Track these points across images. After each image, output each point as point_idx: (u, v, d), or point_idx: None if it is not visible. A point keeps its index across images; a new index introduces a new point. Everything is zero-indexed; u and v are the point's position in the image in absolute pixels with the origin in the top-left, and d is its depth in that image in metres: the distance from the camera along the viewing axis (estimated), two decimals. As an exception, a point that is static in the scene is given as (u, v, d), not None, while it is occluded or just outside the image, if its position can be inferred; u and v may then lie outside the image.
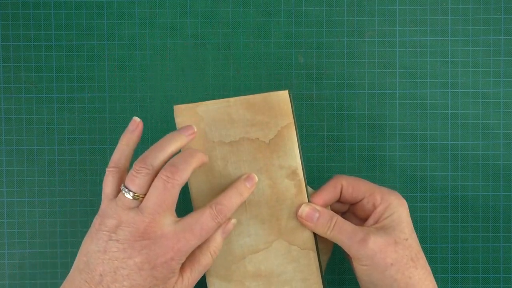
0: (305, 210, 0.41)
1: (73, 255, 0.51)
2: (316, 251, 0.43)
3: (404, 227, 0.40)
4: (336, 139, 0.51)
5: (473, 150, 0.51)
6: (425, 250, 0.51)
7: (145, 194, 0.38)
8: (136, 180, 0.38)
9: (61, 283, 0.51)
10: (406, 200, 0.51)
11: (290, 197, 0.42)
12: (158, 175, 0.38)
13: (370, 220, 0.42)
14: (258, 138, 0.42)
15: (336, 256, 0.52)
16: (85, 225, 0.51)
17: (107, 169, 0.40)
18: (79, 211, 0.51)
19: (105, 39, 0.51)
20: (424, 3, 0.51)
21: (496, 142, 0.51)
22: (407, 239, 0.40)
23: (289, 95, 0.42)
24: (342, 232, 0.40)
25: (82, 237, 0.51)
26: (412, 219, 0.51)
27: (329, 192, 0.42)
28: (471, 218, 0.51)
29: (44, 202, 0.51)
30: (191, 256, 0.40)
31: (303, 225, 0.42)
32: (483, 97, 0.51)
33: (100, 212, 0.39)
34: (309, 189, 0.44)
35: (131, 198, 0.38)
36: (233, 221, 0.41)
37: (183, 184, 0.38)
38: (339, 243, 0.41)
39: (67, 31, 0.51)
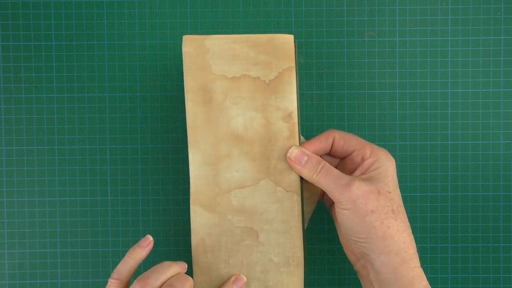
0: (294, 151, 0.42)
1: (73, 255, 0.51)
2: (300, 195, 0.43)
3: (389, 181, 0.41)
4: None
5: (473, 150, 0.51)
6: (425, 250, 0.51)
7: None
8: None
9: (61, 283, 0.51)
10: (406, 200, 0.51)
11: (282, 139, 0.43)
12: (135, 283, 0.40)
13: (357, 172, 0.42)
14: (259, 77, 0.43)
15: (336, 256, 0.52)
16: (85, 225, 0.51)
17: (110, 280, 0.41)
18: (79, 211, 0.51)
19: (105, 39, 0.51)
20: (424, 3, 0.51)
21: (496, 142, 0.51)
22: (390, 192, 0.41)
23: (294, 41, 0.43)
24: (328, 176, 0.41)
25: (82, 237, 0.51)
26: (412, 219, 0.51)
27: (321, 142, 0.43)
28: (471, 218, 0.51)
29: (44, 202, 0.51)
30: None
31: (291, 167, 0.43)
32: (483, 97, 0.51)
33: None
34: (302, 138, 0.45)
35: None
36: (243, 278, 0.43)
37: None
38: (324, 187, 0.41)
39: (67, 31, 0.51)
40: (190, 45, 0.43)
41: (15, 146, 0.51)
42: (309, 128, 0.51)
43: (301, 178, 0.44)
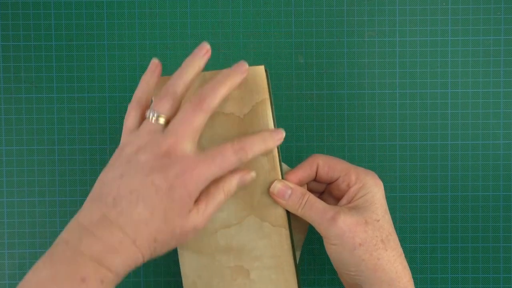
0: (277, 186, 0.41)
1: (73, 255, 0.51)
2: (288, 228, 0.42)
3: (377, 208, 0.40)
4: (336, 139, 0.51)
5: (473, 150, 0.51)
6: (425, 250, 0.51)
7: (169, 118, 0.38)
8: (162, 103, 0.37)
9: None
10: (406, 200, 0.51)
11: (264, 173, 0.42)
12: (188, 99, 0.38)
13: (344, 200, 0.41)
14: (232, 113, 0.42)
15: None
16: (85, 225, 0.51)
17: (130, 105, 0.40)
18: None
19: (105, 39, 0.51)
20: (424, 3, 0.51)
21: (496, 142, 0.51)
22: (378, 220, 0.40)
23: (266, 71, 0.42)
24: (312, 209, 0.40)
25: (82, 237, 0.51)
26: (412, 219, 0.51)
27: (304, 171, 0.42)
28: (471, 218, 0.51)
29: (44, 202, 0.51)
30: (207, 190, 0.39)
31: (275, 201, 0.42)
32: (483, 97, 0.51)
33: (120, 145, 0.38)
34: (285, 166, 0.44)
35: (156, 120, 0.37)
36: (253, 174, 0.41)
37: (211, 112, 0.38)
38: (310, 221, 0.41)
39: (67, 31, 0.51)
40: (158, 87, 0.42)
41: (15, 146, 0.51)
42: (308, 128, 0.51)
43: (287, 211, 0.43)
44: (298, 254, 0.44)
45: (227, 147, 0.37)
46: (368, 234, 0.39)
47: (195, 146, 0.37)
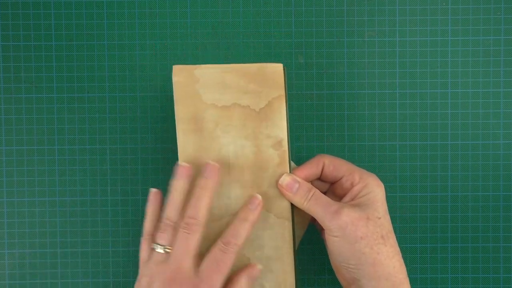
0: (286, 179, 0.43)
1: (73, 255, 0.51)
2: (291, 221, 0.44)
3: (379, 206, 0.42)
4: (336, 139, 0.51)
5: (473, 150, 0.51)
6: (425, 250, 0.51)
7: (172, 244, 0.42)
8: (163, 235, 0.42)
9: (61, 283, 0.51)
10: (406, 200, 0.51)
11: (273, 166, 0.43)
12: (180, 226, 0.41)
13: (347, 197, 0.43)
14: (249, 106, 0.43)
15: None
16: (85, 225, 0.51)
17: (142, 238, 0.43)
18: (79, 211, 0.51)
19: (105, 39, 0.51)
20: (424, 3, 0.51)
21: (496, 142, 0.51)
22: (379, 218, 0.41)
23: (284, 69, 0.43)
24: (318, 203, 0.42)
25: (82, 237, 0.51)
26: (412, 219, 0.51)
27: (311, 168, 0.44)
28: (471, 218, 0.51)
29: (44, 202, 0.51)
30: None
31: (282, 194, 0.43)
32: (483, 97, 0.51)
33: (138, 276, 0.42)
34: (292, 163, 0.45)
35: (161, 251, 0.41)
36: (259, 266, 0.43)
37: (202, 228, 0.42)
38: (314, 214, 0.42)
39: (67, 31, 0.51)
40: (180, 74, 0.43)
41: (15, 146, 0.51)
42: (308, 128, 0.51)
43: (292, 204, 0.44)
44: (296, 248, 0.45)
45: (216, 252, 0.41)
46: (369, 229, 0.41)
47: (195, 263, 0.41)
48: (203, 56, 0.51)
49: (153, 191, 0.44)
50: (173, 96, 0.49)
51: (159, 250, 0.41)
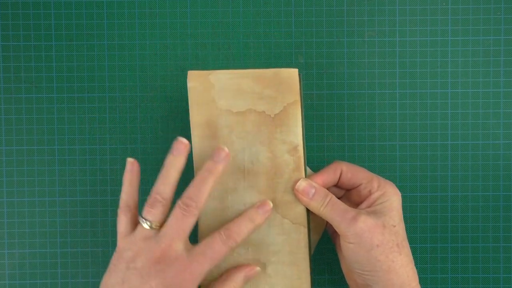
0: (302, 184, 0.43)
1: (73, 255, 0.51)
2: (307, 227, 0.44)
3: (394, 215, 0.42)
4: (336, 139, 0.51)
5: (473, 150, 0.51)
6: (425, 250, 0.51)
7: (161, 224, 0.41)
8: (152, 211, 0.40)
9: (61, 283, 0.51)
10: (406, 200, 0.51)
11: (288, 172, 0.43)
12: (177, 204, 0.40)
13: (364, 204, 0.43)
14: (264, 112, 0.43)
15: (336, 257, 0.51)
16: (85, 225, 0.51)
17: (119, 210, 0.42)
18: (79, 211, 0.51)
19: (105, 39, 0.51)
20: (424, 3, 0.50)
21: (496, 142, 0.51)
22: (395, 226, 0.41)
23: (299, 75, 0.43)
24: (334, 209, 0.42)
25: (82, 237, 0.51)
26: (412, 219, 0.51)
27: (328, 175, 0.44)
28: (471, 218, 0.51)
29: (44, 202, 0.51)
30: None
31: (298, 199, 0.43)
32: (483, 97, 0.51)
33: (117, 249, 0.41)
34: (308, 170, 0.45)
35: (148, 228, 0.40)
36: (258, 269, 0.43)
37: (200, 212, 0.41)
38: (330, 220, 0.42)
39: (67, 31, 0.51)
40: (195, 80, 0.43)
41: (15, 146, 0.50)
42: (308, 128, 0.51)
43: (308, 210, 0.44)
44: (311, 253, 0.45)
45: (215, 239, 0.40)
46: (385, 237, 0.41)
47: (186, 245, 0.40)
48: (203, 56, 0.51)
49: (131, 161, 0.43)
50: (173, 96, 0.51)
51: (145, 225, 0.40)
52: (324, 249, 0.51)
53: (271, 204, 0.43)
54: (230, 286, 0.42)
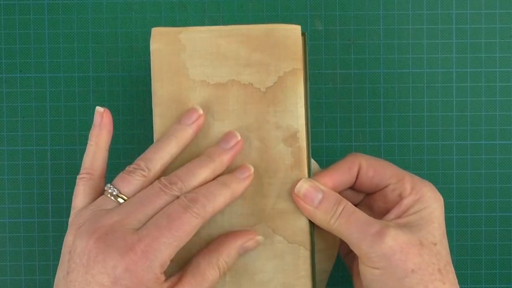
0: (304, 186, 0.37)
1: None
2: (310, 249, 0.38)
3: (435, 228, 0.37)
4: (369, 138, 0.47)
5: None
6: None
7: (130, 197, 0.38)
8: (127, 179, 0.36)
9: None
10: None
11: (285, 168, 0.38)
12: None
13: (392, 214, 0.38)
14: (251, 84, 0.38)
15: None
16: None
17: (78, 177, 0.38)
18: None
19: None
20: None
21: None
22: (435, 244, 0.36)
23: (303, 34, 0.39)
24: (351, 221, 0.36)
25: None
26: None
27: (342, 173, 0.39)
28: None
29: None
30: (195, 268, 0.36)
31: (298, 208, 0.38)
32: None
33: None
34: (315, 165, 0.40)
35: (112, 198, 0.36)
36: (259, 238, 0.38)
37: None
38: (345, 237, 0.37)
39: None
40: (160, 40, 0.39)
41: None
42: (330, 123, 0.47)
43: (312, 224, 0.39)
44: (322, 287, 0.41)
45: (173, 208, 0.35)
46: (424, 259, 0.35)
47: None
48: (182, 21, 0.48)
49: (100, 111, 0.39)
50: (139, 77, 0.47)
51: (112, 196, 0.36)
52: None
53: (252, 168, 0.38)
54: (219, 261, 0.36)
